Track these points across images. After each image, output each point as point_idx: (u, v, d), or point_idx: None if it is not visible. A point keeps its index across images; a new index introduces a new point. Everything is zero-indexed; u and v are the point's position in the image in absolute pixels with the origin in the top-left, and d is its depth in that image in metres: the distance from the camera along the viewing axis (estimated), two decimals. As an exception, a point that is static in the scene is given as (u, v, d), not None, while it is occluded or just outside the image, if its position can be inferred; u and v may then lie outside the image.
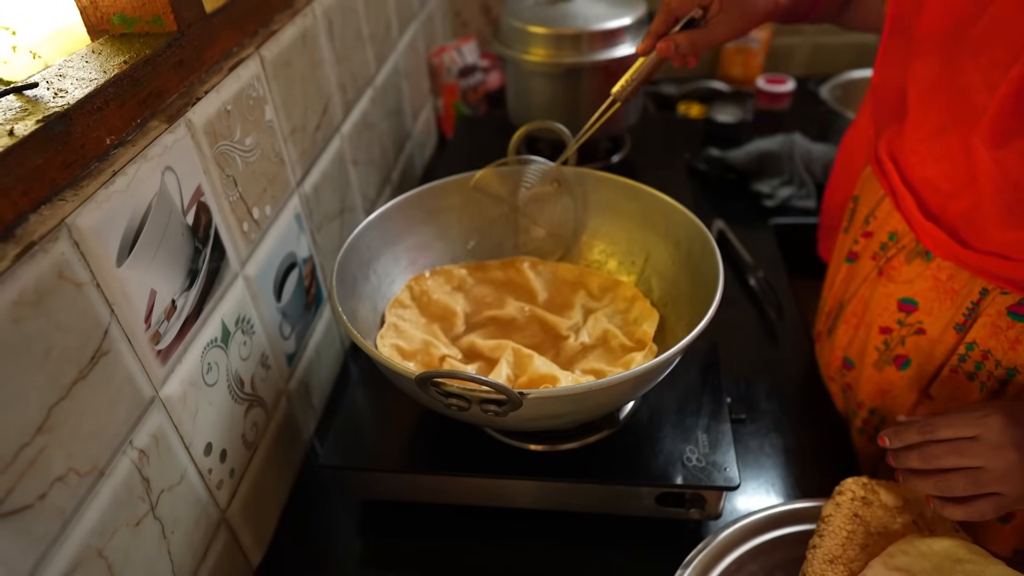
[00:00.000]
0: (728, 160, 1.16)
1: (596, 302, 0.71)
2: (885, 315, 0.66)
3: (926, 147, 0.60)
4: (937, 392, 0.63)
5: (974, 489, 0.51)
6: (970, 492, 0.51)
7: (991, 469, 0.50)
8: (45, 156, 0.42)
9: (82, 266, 0.43)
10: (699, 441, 0.64)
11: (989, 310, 0.56)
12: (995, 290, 0.55)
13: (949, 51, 0.55)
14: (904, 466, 0.56)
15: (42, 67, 0.53)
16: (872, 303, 0.67)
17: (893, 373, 0.66)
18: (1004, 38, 0.50)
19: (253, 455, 0.66)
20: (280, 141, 0.70)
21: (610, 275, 0.73)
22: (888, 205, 0.65)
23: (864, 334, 0.70)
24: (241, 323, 0.63)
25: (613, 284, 0.72)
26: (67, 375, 0.42)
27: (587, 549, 0.66)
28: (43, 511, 0.40)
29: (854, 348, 0.72)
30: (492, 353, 0.64)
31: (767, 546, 0.63)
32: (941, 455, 0.53)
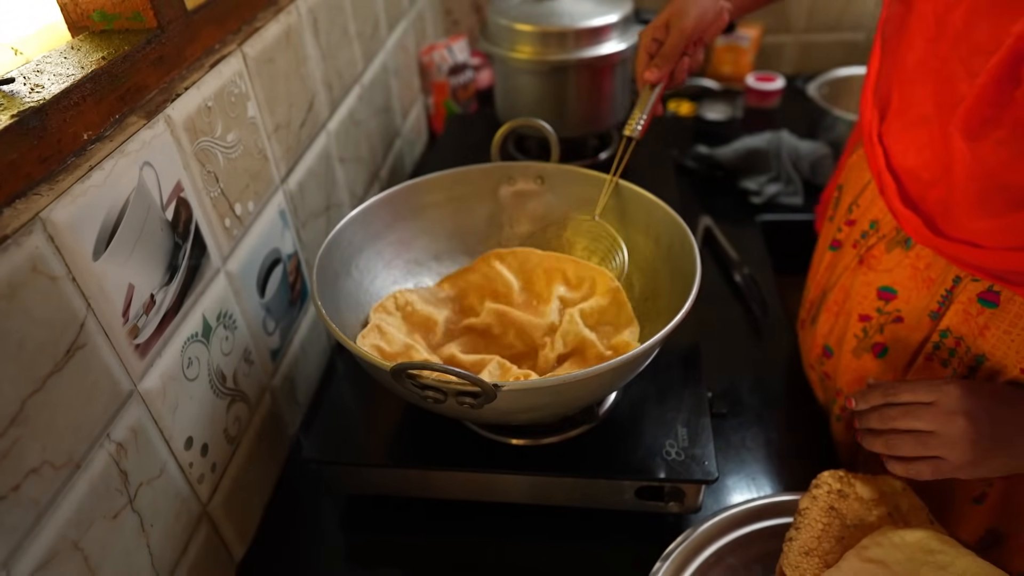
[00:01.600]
0: (716, 157, 1.17)
1: (574, 291, 0.71)
2: (865, 303, 0.67)
3: (909, 136, 0.60)
4: (913, 378, 0.64)
5: (921, 451, 0.53)
6: (917, 453, 0.53)
7: (940, 434, 0.52)
8: (19, 151, 0.43)
9: (57, 260, 0.43)
10: (679, 435, 0.64)
11: (961, 297, 0.56)
12: (967, 277, 0.56)
13: (932, 39, 0.55)
14: (864, 426, 0.58)
15: (23, 63, 0.53)
16: (852, 291, 0.68)
17: (870, 360, 0.67)
18: (984, 25, 0.50)
19: (236, 450, 0.66)
20: (264, 138, 0.70)
21: (589, 264, 0.73)
22: (870, 193, 0.65)
23: (844, 322, 0.70)
24: (223, 318, 0.63)
25: (591, 274, 0.71)
26: (42, 368, 0.42)
27: (569, 543, 0.67)
28: (16, 503, 0.40)
29: (834, 336, 0.73)
30: (474, 368, 0.64)
31: (746, 539, 0.63)
32: (897, 416, 0.55)
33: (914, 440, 0.53)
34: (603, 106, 1.04)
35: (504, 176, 0.77)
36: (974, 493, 0.64)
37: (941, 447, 0.52)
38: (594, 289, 0.70)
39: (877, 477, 0.61)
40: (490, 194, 0.78)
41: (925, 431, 0.52)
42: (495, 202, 0.78)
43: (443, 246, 0.77)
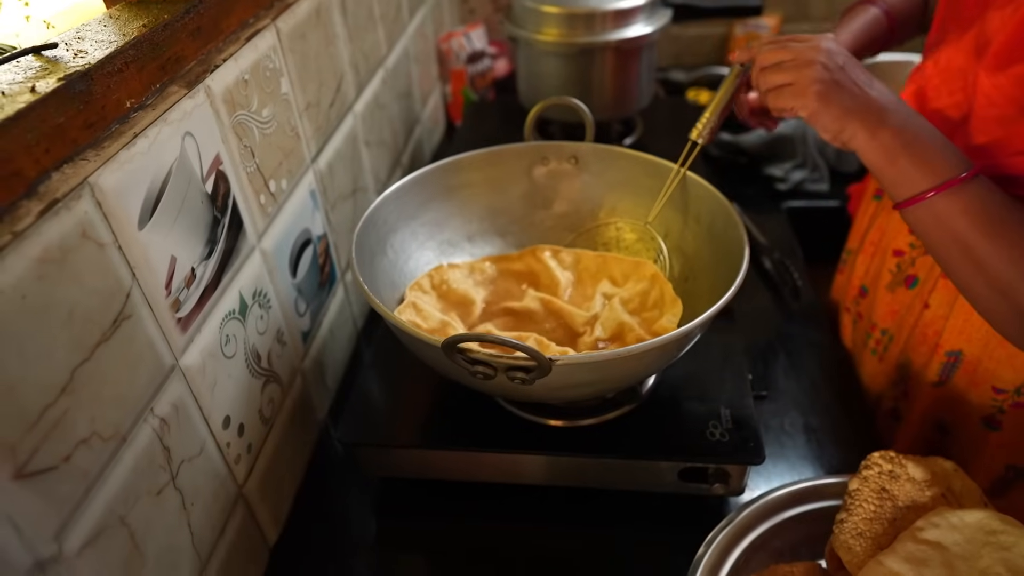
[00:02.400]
0: (740, 144, 1.16)
1: (617, 288, 0.70)
2: (899, 238, 0.72)
3: (940, 78, 0.64)
4: (933, 300, 0.69)
5: (782, 79, 0.56)
6: (779, 81, 0.57)
7: (798, 57, 0.56)
8: (67, 115, 0.42)
9: (104, 227, 0.42)
10: (722, 416, 0.63)
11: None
12: None
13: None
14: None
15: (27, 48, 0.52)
16: (888, 229, 0.73)
17: (903, 292, 0.72)
18: None
19: (269, 431, 0.65)
20: (295, 115, 0.69)
21: (632, 259, 0.72)
22: None
23: (879, 260, 0.75)
24: (258, 297, 0.62)
25: (634, 267, 0.70)
26: (90, 336, 0.41)
27: (607, 527, 0.66)
28: (68, 473, 0.39)
29: (870, 275, 0.78)
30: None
31: (790, 523, 0.62)
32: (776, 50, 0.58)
33: (776, 67, 0.57)
34: (629, 91, 1.03)
35: (538, 156, 0.76)
36: (984, 413, 0.68)
37: (798, 72, 0.56)
38: (637, 278, 0.69)
39: (928, 458, 0.60)
40: (524, 174, 0.76)
41: (787, 60, 0.57)
42: (529, 182, 0.77)
43: (476, 227, 0.76)
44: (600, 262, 0.73)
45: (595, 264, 0.73)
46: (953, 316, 0.67)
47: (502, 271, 0.73)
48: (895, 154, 0.54)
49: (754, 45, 0.61)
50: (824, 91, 0.55)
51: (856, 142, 0.55)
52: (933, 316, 0.70)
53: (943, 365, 0.70)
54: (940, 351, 0.70)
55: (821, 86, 0.55)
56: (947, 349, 0.69)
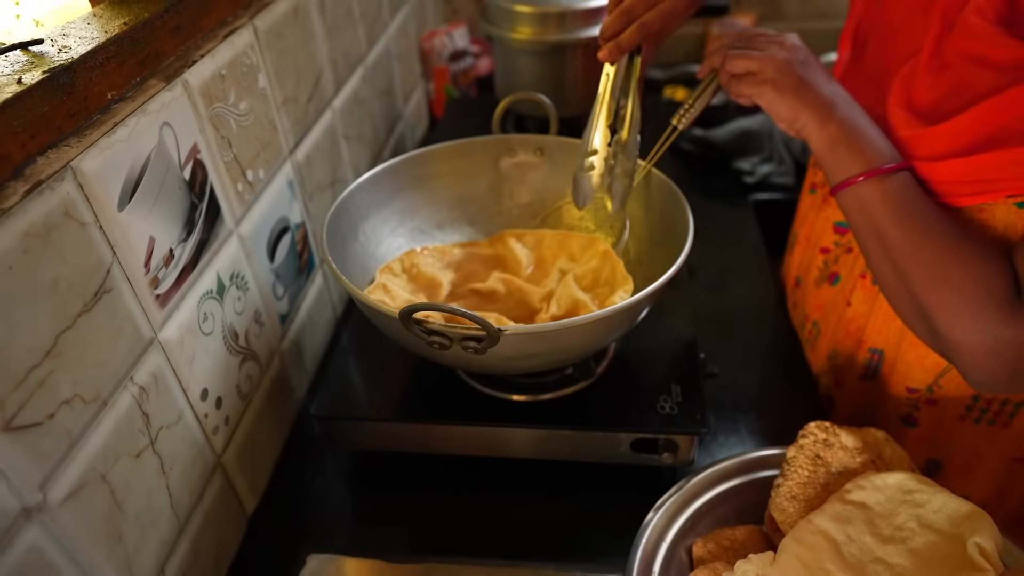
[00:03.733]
0: (710, 139, 1.20)
1: (574, 263, 0.74)
2: (824, 237, 0.76)
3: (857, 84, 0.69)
4: (854, 299, 0.72)
5: (747, 66, 0.60)
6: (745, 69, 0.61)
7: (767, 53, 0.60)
8: (51, 104, 0.45)
9: (86, 207, 0.46)
10: (672, 392, 0.67)
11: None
12: None
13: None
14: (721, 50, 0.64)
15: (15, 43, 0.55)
16: (816, 227, 0.77)
17: (827, 289, 0.76)
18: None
19: (247, 406, 0.69)
20: (273, 109, 0.73)
21: (587, 235, 0.76)
22: None
23: (810, 255, 0.79)
24: (235, 279, 0.66)
25: (589, 243, 0.74)
26: (73, 306, 0.45)
27: (568, 496, 0.70)
28: (51, 430, 0.43)
29: (802, 268, 0.82)
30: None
31: (736, 490, 0.66)
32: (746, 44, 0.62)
33: (742, 56, 0.61)
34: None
35: (505, 148, 0.80)
36: (901, 413, 0.72)
37: (762, 61, 0.59)
38: (591, 254, 0.73)
39: (862, 429, 0.64)
40: (491, 165, 0.80)
41: (756, 51, 0.60)
42: (496, 173, 0.81)
43: (446, 215, 0.80)
44: (560, 239, 0.77)
45: (556, 242, 0.77)
46: (873, 315, 0.72)
47: (470, 256, 0.77)
48: (837, 143, 0.59)
49: (726, 35, 0.66)
50: (783, 83, 0.59)
51: (807, 131, 0.60)
52: (855, 313, 0.74)
53: (868, 361, 0.75)
54: (864, 347, 0.74)
55: (781, 78, 0.59)
56: (870, 346, 0.73)
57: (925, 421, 0.72)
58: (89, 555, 0.46)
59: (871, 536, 0.54)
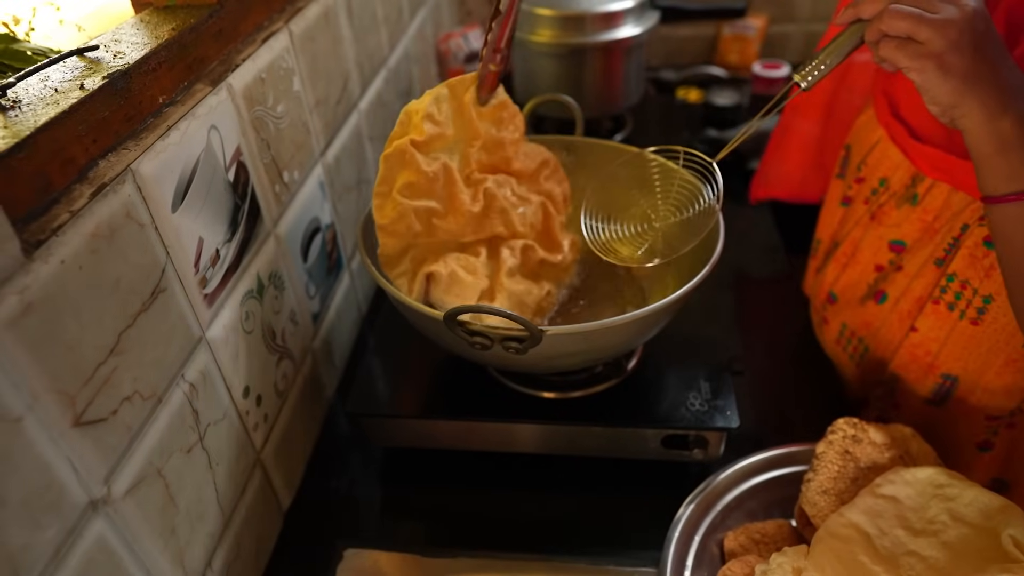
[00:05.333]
0: (726, 140, 1.21)
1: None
2: (879, 255, 0.72)
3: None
4: (921, 324, 0.69)
5: (913, 29, 0.48)
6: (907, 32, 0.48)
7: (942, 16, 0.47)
8: (110, 109, 0.47)
9: (144, 209, 0.47)
10: (701, 388, 0.68)
11: (968, 242, 0.61)
12: (974, 223, 0.60)
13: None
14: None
15: (86, 40, 0.57)
16: (863, 244, 0.73)
17: (873, 307, 0.73)
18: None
19: (283, 404, 0.70)
20: (306, 111, 0.74)
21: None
22: (879, 152, 0.70)
23: (856, 272, 0.76)
24: (273, 278, 0.67)
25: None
26: (133, 305, 0.46)
27: (598, 492, 0.71)
28: (114, 426, 0.44)
29: (839, 284, 0.79)
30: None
31: (764, 486, 0.67)
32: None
33: (909, 15, 0.48)
34: (617, 89, 1.09)
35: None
36: (978, 440, 0.69)
37: (931, 28, 0.47)
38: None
39: (888, 425, 0.65)
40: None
41: (929, 11, 0.47)
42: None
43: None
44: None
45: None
46: (950, 342, 0.68)
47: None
48: (1010, 146, 0.49)
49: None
50: (951, 62, 0.47)
51: (967, 122, 0.49)
52: (923, 339, 0.69)
53: (938, 386, 0.71)
54: (935, 373, 0.70)
55: (950, 55, 0.47)
56: (943, 372, 0.70)
57: (1000, 444, 0.70)
58: (147, 547, 0.48)
59: (903, 529, 0.55)
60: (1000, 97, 0.48)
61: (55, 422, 0.39)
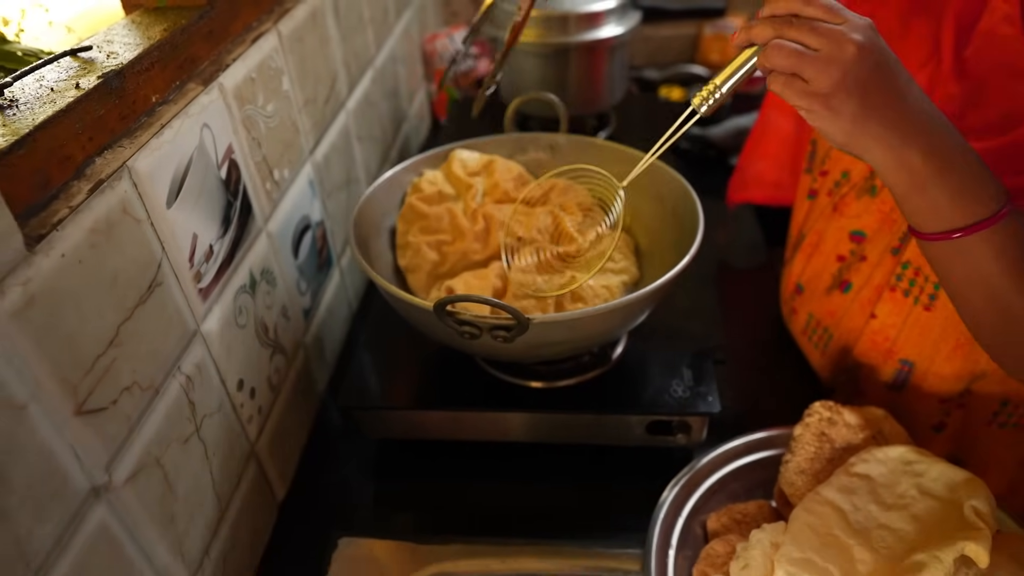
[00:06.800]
0: (708, 137, 1.24)
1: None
2: (840, 246, 0.74)
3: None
4: (879, 311, 0.71)
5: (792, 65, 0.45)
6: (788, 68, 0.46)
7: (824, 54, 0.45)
8: (105, 108, 0.48)
9: (140, 205, 0.49)
10: (684, 376, 0.71)
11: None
12: None
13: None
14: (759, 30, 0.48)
15: (76, 40, 0.58)
16: (827, 235, 0.76)
17: (839, 296, 0.76)
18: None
19: (277, 397, 0.71)
20: (295, 111, 0.76)
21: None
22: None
23: (820, 263, 0.78)
24: (265, 274, 0.69)
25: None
26: (131, 299, 0.47)
27: (584, 479, 0.73)
28: (114, 415, 0.46)
29: (806, 275, 0.81)
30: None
31: (746, 468, 0.69)
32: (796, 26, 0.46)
33: (791, 53, 0.45)
34: (601, 88, 1.11)
35: (517, 147, 0.83)
36: (933, 422, 0.73)
37: (814, 68, 0.45)
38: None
39: (863, 408, 0.68)
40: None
41: (812, 48, 0.45)
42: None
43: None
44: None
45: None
46: (907, 328, 0.69)
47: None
48: (924, 182, 0.47)
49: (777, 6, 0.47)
50: (839, 105, 0.45)
51: (870, 158, 0.48)
52: (882, 325, 0.71)
53: (897, 372, 0.73)
54: (893, 359, 0.72)
55: (837, 96, 0.45)
56: (900, 358, 0.72)
57: (952, 425, 0.73)
58: (147, 535, 0.49)
59: (875, 505, 0.58)
60: (899, 133, 0.46)
61: (58, 410, 0.41)
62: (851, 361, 0.78)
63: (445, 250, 0.75)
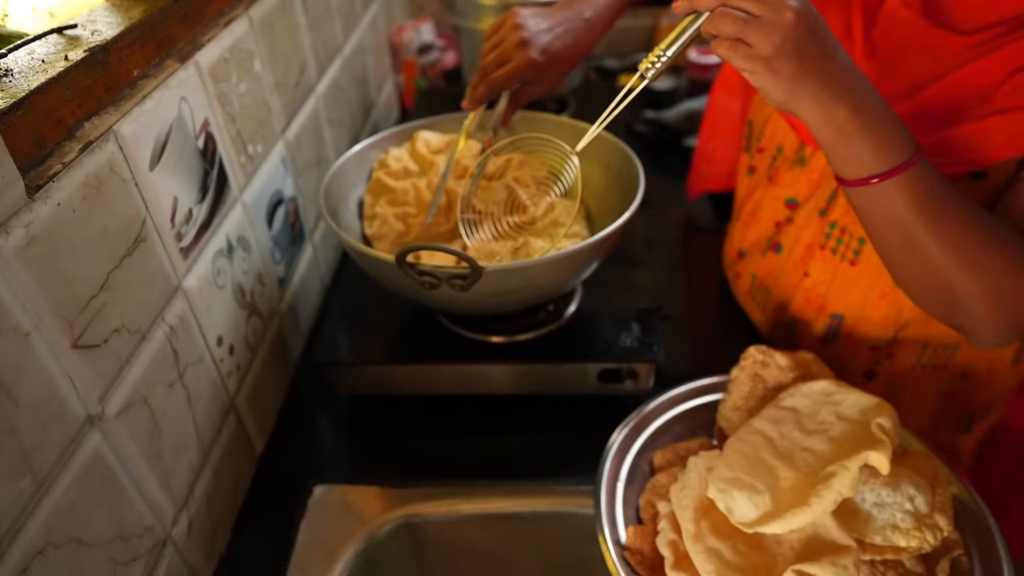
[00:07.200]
0: (663, 120, 1.31)
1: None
2: (777, 213, 0.81)
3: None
4: (811, 269, 0.78)
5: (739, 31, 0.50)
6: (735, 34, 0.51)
7: (765, 20, 0.50)
8: (92, 78, 0.53)
9: (125, 166, 0.54)
10: (632, 329, 0.77)
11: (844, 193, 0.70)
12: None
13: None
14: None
15: (58, 24, 0.62)
16: (764, 204, 0.83)
17: (773, 257, 0.83)
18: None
19: (254, 358, 0.76)
20: (267, 91, 0.81)
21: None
22: (773, 124, 0.80)
23: (758, 229, 0.85)
24: (241, 241, 0.74)
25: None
26: (119, 250, 0.52)
27: (544, 429, 0.79)
28: (106, 353, 0.51)
29: (747, 241, 0.88)
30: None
31: (690, 412, 0.76)
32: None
33: (736, 20, 0.50)
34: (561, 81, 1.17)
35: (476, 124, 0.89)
36: (864, 370, 0.80)
37: (757, 33, 0.50)
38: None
39: (794, 352, 0.74)
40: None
41: (754, 14, 0.50)
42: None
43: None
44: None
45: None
46: (835, 283, 0.76)
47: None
48: (850, 134, 0.54)
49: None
50: (780, 66, 0.51)
51: (805, 115, 0.54)
52: (814, 283, 0.78)
53: (828, 326, 0.80)
54: (825, 313, 0.79)
55: (778, 58, 0.50)
56: (831, 312, 0.78)
57: (883, 373, 0.80)
58: (137, 466, 0.54)
59: (799, 431, 0.64)
60: (831, 91, 0.52)
61: (56, 342, 0.46)
62: (788, 317, 0.85)
63: (410, 222, 0.80)
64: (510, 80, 0.77)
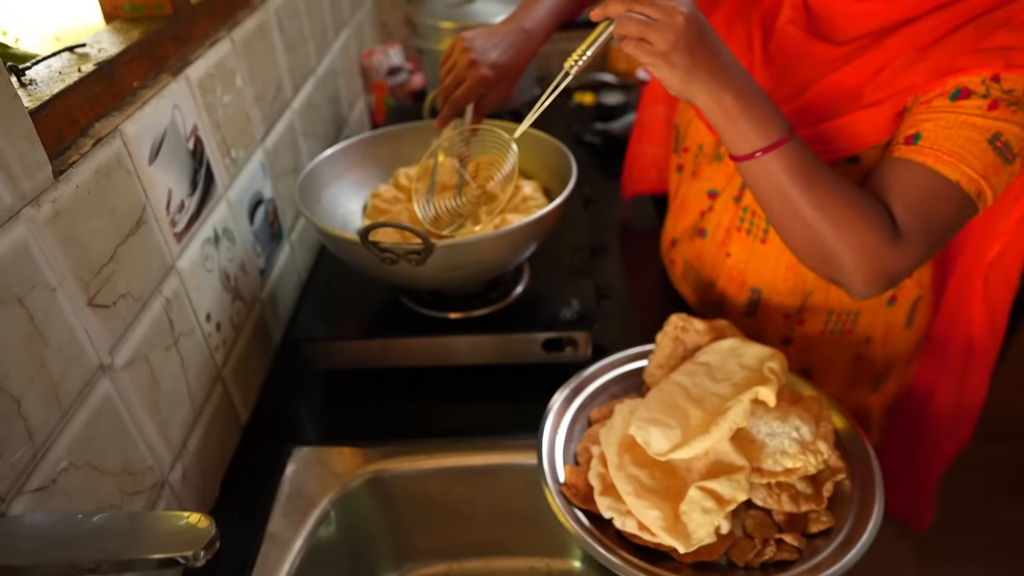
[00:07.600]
0: (610, 131, 1.43)
1: None
2: (701, 203, 0.93)
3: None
4: (732, 250, 0.90)
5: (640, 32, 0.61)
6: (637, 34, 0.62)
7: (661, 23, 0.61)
8: (101, 87, 0.64)
9: (129, 159, 0.64)
10: (572, 304, 0.88)
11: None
12: None
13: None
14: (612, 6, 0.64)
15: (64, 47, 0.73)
16: (690, 196, 0.95)
17: (699, 242, 0.94)
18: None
19: (239, 336, 0.86)
20: (247, 104, 0.92)
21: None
22: (695, 126, 0.92)
23: (686, 219, 0.96)
24: (226, 233, 0.84)
25: None
26: (124, 228, 0.62)
27: (497, 395, 0.89)
28: (115, 313, 0.60)
29: (678, 231, 1.00)
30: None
31: (623, 376, 0.86)
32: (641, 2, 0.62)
33: (638, 23, 0.61)
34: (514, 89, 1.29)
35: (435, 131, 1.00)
36: (780, 336, 0.91)
37: (656, 33, 0.61)
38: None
39: (712, 320, 0.86)
40: (425, 145, 1.00)
41: (653, 18, 0.61)
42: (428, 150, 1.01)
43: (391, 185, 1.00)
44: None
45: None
46: (751, 261, 0.88)
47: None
48: (735, 116, 0.65)
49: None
50: (676, 59, 0.61)
51: (699, 101, 0.65)
52: (735, 261, 0.89)
53: (749, 299, 0.91)
54: (745, 288, 0.90)
55: (674, 54, 0.61)
56: (750, 287, 0.90)
57: (797, 339, 0.91)
58: (139, 413, 0.63)
59: (709, 381, 0.75)
60: (718, 79, 0.63)
61: (76, 298, 0.55)
62: (715, 295, 0.97)
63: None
64: (469, 97, 0.88)
